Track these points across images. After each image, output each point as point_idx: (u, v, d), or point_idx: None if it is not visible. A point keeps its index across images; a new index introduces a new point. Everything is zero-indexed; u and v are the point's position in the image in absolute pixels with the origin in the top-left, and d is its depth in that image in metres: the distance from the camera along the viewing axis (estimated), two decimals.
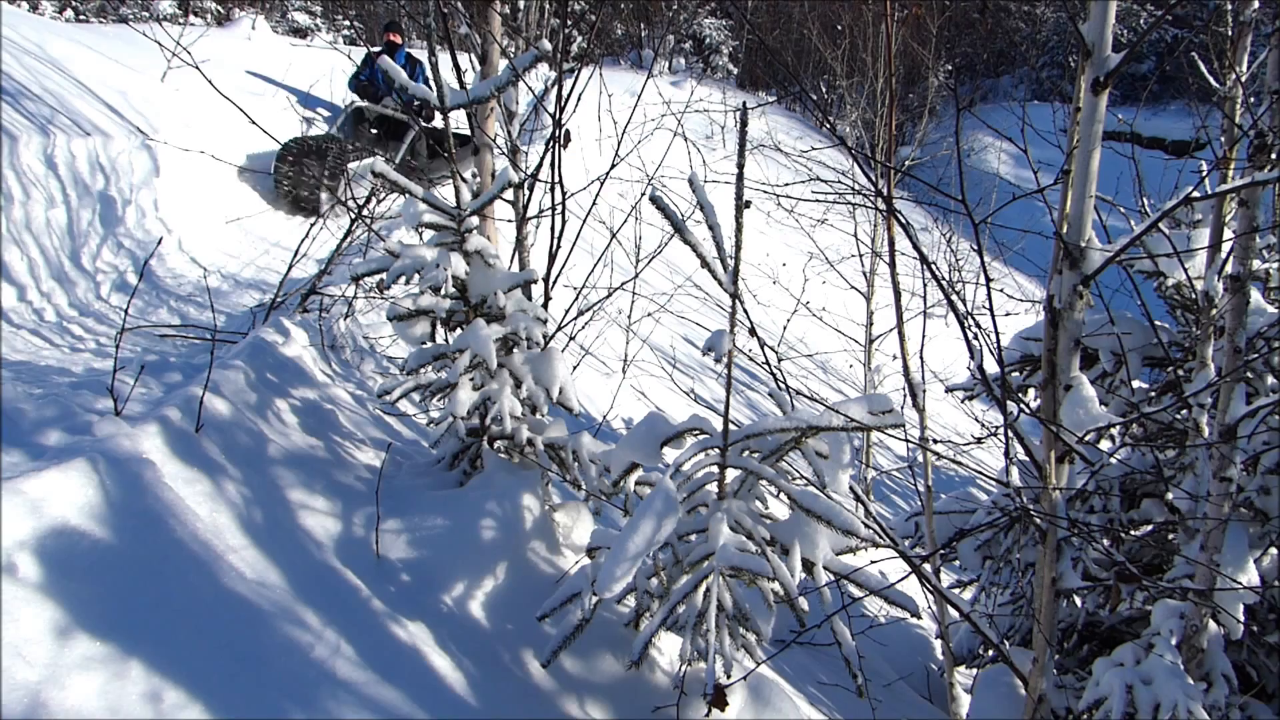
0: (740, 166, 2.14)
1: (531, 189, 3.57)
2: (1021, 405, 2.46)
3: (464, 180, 2.89)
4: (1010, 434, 2.29)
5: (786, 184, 4.78)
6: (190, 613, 2.01)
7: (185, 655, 1.89)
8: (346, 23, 18.45)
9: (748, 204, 2.16)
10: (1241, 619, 3.13)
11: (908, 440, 2.94)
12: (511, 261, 3.66)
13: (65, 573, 1.89)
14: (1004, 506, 4.19)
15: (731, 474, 2.50)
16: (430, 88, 2.70)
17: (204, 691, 1.84)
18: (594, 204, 3.72)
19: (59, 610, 1.81)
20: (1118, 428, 3.92)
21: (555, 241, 3.47)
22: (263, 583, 2.25)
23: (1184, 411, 3.60)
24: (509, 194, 3.50)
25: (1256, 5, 2.98)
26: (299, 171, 7.06)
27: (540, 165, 3.44)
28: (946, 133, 16.44)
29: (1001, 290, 9.96)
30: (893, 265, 2.64)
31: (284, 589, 2.28)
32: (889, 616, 4.77)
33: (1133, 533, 4.08)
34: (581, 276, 4.35)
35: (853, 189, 5.62)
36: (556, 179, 3.39)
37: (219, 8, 18.18)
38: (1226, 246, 3.13)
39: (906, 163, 8.83)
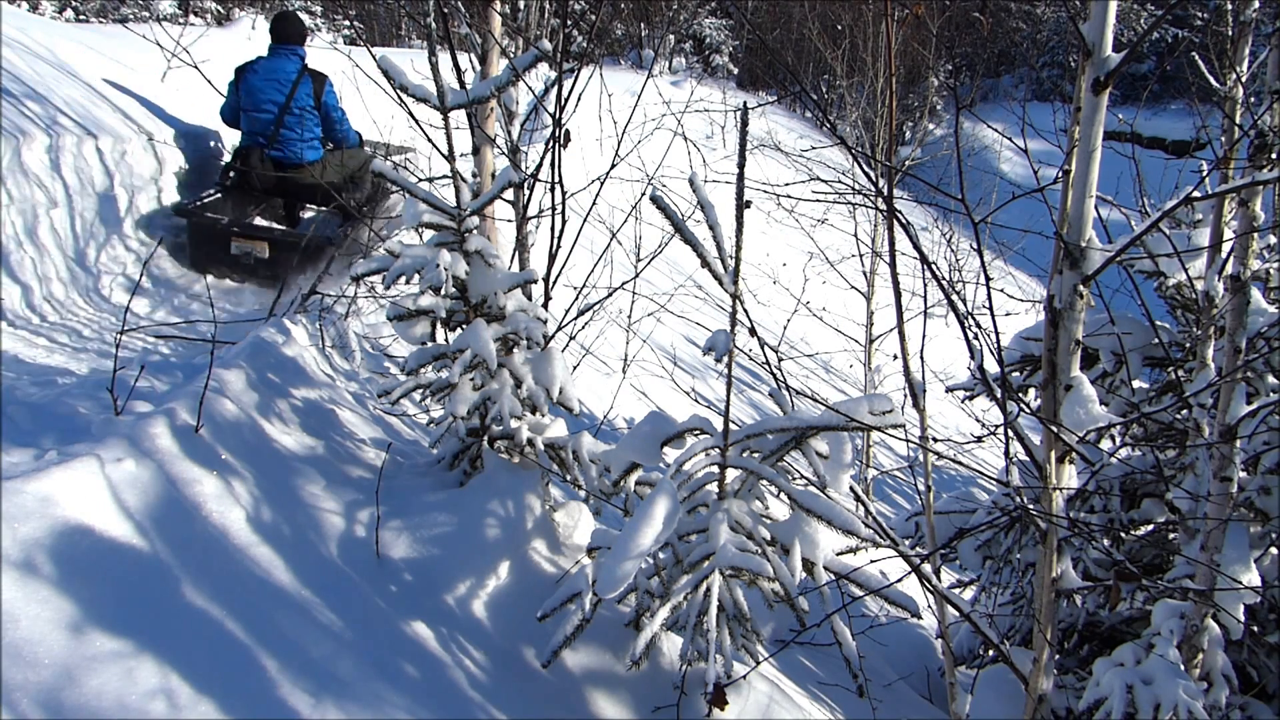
0: (741, 166, 2.14)
1: (532, 189, 3.57)
2: (1021, 405, 2.46)
3: (464, 181, 2.90)
4: (1010, 434, 2.29)
5: (786, 184, 4.77)
6: (196, 611, 2.02)
7: (192, 653, 1.90)
8: (346, 23, 18.44)
9: (748, 204, 2.16)
10: (1242, 619, 3.13)
11: (908, 440, 2.94)
12: (511, 261, 3.66)
13: (72, 571, 1.90)
14: (1004, 506, 4.19)
15: (732, 474, 2.51)
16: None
17: (211, 689, 1.84)
18: (594, 204, 3.72)
19: (68, 608, 1.82)
20: (1118, 428, 3.93)
21: (555, 241, 3.47)
22: (267, 581, 2.25)
23: (1184, 411, 3.60)
24: (509, 194, 3.50)
25: (1256, 5, 2.98)
26: None
27: (540, 165, 3.44)
28: (947, 132, 16.44)
29: (1002, 290, 9.96)
30: (893, 265, 2.64)
31: (288, 588, 2.28)
32: (889, 616, 4.77)
33: (1133, 533, 4.09)
34: (581, 276, 4.35)
35: (853, 189, 5.62)
36: (556, 179, 3.39)
37: (219, 8, 18.19)
38: (1226, 246, 3.13)
39: (907, 162, 8.83)
